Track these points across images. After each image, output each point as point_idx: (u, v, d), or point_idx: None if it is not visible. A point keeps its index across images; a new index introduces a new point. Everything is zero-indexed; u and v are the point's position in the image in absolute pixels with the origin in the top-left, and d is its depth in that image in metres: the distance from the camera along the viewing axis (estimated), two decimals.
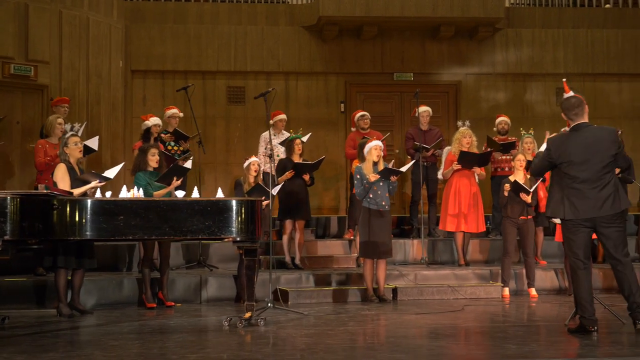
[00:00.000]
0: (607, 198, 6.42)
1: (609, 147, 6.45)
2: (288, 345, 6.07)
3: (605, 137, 6.50)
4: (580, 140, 6.45)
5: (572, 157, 6.43)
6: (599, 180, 6.43)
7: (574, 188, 6.44)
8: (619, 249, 6.50)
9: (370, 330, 6.81)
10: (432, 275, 9.97)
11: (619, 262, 6.53)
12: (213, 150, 13.89)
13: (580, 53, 14.41)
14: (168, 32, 13.75)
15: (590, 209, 6.40)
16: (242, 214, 6.86)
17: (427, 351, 5.70)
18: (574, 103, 6.64)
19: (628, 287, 6.51)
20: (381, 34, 14.04)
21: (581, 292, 6.51)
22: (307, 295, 9.18)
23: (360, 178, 9.13)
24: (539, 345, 5.94)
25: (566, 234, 6.61)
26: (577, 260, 6.54)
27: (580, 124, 6.57)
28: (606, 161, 6.44)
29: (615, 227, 6.47)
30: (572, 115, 6.61)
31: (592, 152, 6.42)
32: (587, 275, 6.55)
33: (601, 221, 6.44)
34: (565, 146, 6.49)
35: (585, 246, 6.55)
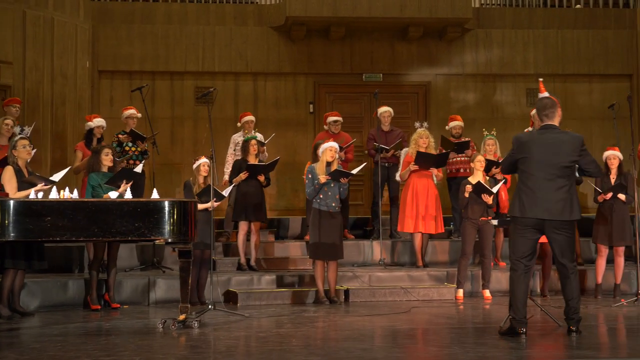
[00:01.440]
0: (558, 202, 6.36)
1: (570, 153, 6.40)
2: (209, 348, 6.03)
3: (569, 141, 6.45)
4: (543, 140, 6.42)
5: (531, 153, 6.40)
6: (554, 183, 6.37)
7: (528, 187, 6.41)
8: (565, 254, 6.47)
9: (302, 333, 6.76)
10: (387, 277, 9.92)
11: (564, 267, 6.50)
12: (181, 150, 13.88)
13: (550, 54, 14.35)
14: (136, 33, 13.71)
15: (539, 210, 6.35)
16: (174, 215, 6.82)
17: (346, 354, 5.65)
18: (547, 104, 6.61)
19: (570, 292, 6.48)
20: (350, 35, 13.98)
21: (516, 294, 6.46)
22: (257, 297, 9.13)
23: (312, 178, 9.09)
24: (461, 347, 5.88)
25: (513, 233, 6.57)
26: (519, 262, 6.50)
27: (549, 125, 6.52)
28: (564, 165, 6.38)
29: (564, 233, 6.44)
30: (542, 116, 6.58)
31: (552, 153, 6.37)
32: (526, 277, 6.51)
33: (550, 225, 6.40)
34: (527, 143, 6.46)
35: (529, 249, 6.49)
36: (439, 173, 10.49)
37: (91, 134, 10.48)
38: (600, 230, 9.36)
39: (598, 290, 9.46)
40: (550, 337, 6.50)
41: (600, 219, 9.37)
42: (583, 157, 6.45)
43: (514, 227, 6.53)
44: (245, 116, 11.24)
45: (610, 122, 14.53)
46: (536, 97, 14.41)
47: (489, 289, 9.61)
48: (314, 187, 9.05)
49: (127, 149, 10.67)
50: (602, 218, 9.36)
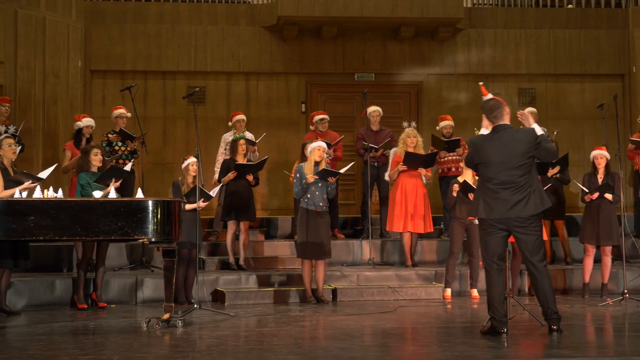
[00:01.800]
0: (519, 201, 6.40)
1: (525, 149, 6.42)
2: (189, 347, 6.04)
3: (523, 138, 6.46)
4: (497, 142, 6.43)
5: (489, 158, 6.42)
6: (514, 183, 6.41)
7: (490, 189, 6.43)
8: (533, 253, 6.48)
9: (285, 332, 6.78)
10: (375, 276, 9.93)
11: (534, 267, 6.51)
12: (173, 150, 13.89)
13: (542, 53, 14.36)
14: (128, 32, 13.72)
15: (504, 210, 6.39)
16: (157, 215, 6.84)
17: (324, 353, 5.68)
18: (493, 105, 6.62)
19: (542, 293, 6.49)
20: (342, 34, 14.00)
21: (493, 294, 6.49)
22: (245, 296, 9.15)
23: (300, 177, 9.11)
24: (440, 347, 5.90)
25: (482, 235, 6.60)
26: (492, 262, 6.52)
27: (500, 125, 6.54)
28: (522, 163, 6.41)
29: (530, 231, 6.44)
30: (491, 118, 6.58)
31: (508, 154, 6.39)
32: (501, 277, 6.54)
33: (514, 224, 6.41)
34: (483, 147, 6.48)
35: (500, 248, 6.53)
36: (428, 173, 10.50)
37: (80, 133, 10.53)
38: (587, 230, 9.37)
39: (585, 290, 9.48)
40: (531, 336, 6.52)
41: (588, 219, 9.38)
42: (540, 148, 6.44)
43: (481, 229, 6.55)
44: (236, 115, 11.26)
45: (602, 122, 14.59)
46: (528, 96, 14.50)
47: (476, 288, 9.62)
48: (301, 187, 9.07)
49: (117, 149, 10.70)
50: (589, 218, 9.37)
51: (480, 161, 6.49)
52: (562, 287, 10.07)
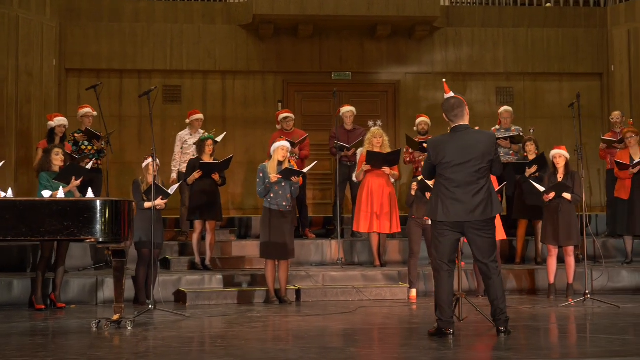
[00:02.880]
0: (479, 203, 6.34)
1: (485, 152, 6.35)
2: (128, 348, 5.99)
3: (484, 141, 6.40)
4: (457, 142, 6.35)
5: (448, 158, 6.33)
6: (473, 185, 6.34)
7: (449, 190, 6.35)
8: (486, 254, 6.42)
9: (233, 333, 6.73)
10: (340, 277, 9.88)
11: (487, 268, 6.45)
12: (148, 149, 13.73)
13: (520, 52, 14.30)
14: (103, 31, 13.67)
15: (462, 213, 6.32)
16: (105, 215, 6.78)
17: (262, 354, 5.63)
18: (454, 104, 6.54)
19: (494, 292, 6.44)
20: (319, 33, 13.94)
21: (441, 295, 6.43)
22: (206, 296, 9.10)
23: (263, 177, 9.05)
24: (381, 348, 5.84)
25: (435, 236, 6.52)
26: (442, 263, 6.46)
27: (460, 125, 6.47)
28: (481, 165, 6.34)
29: (484, 233, 6.40)
30: (451, 117, 6.51)
31: (468, 155, 6.31)
32: (450, 278, 6.48)
33: (471, 226, 6.36)
34: (442, 147, 6.39)
35: (452, 250, 6.47)
36: (394, 172, 10.43)
37: (53, 133, 10.49)
38: (548, 230, 9.30)
39: (551, 290, 9.41)
40: (478, 337, 6.46)
41: (548, 219, 9.31)
42: (496, 156, 6.41)
43: (435, 230, 6.49)
44: (194, 114, 11.20)
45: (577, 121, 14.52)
46: (506, 95, 14.45)
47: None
48: (264, 186, 9.02)
49: (84, 148, 10.65)
50: (549, 218, 9.30)
51: (439, 161, 6.39)
52: (528, 287, 10.01)
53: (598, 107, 14.42)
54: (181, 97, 13.96)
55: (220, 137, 11.00)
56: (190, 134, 11.04)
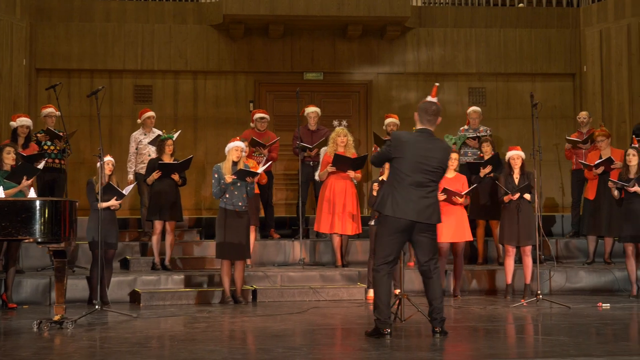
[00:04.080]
0: (428, 207, 6.39)
1: (442, 159, 6.47)
2: (58, 349, 5.97)
3: (444, 149, 6.53)
4: (421, 142, 6.41)
5: (409, 155, 6.36)
6: (426, 187, 6.39)
7: (403, 187, 6.35)
8: (430, 255, 6.44)
9: (171, 334, 6.71)
10: (299, 277, 9.86)
11: (427, 268, 6.46)
12: (119, 149, 13.74)
13: (492, 53, 14.28)
14: (74, 30, 13.65)
15: (410, 211, 6.32)
16: (45, 215, 6.76)
17: (190, 355, 5.61)
18: (434, 111, 6.59)
19: (432, 292, 6.45)
20: (290, 33, 13.93)
21: (380, 295, 6.42)
22: (161, 297, 9.08)
23: (218, 177, 9.03)
24: (310, 348, 5.82)
25: (381, 233, 6.50)
26: (384, 263, 6.44)
27: (427, 129, 6.51)
28: (436, 169, 6.43)
29: (430, 234, 6.45)
30: (425, 120, 6.52)
31: (427, 157, 6.37)
32: (389, 279, 6.47)
33: (418, 228, 6.37)
34: (407, 143, 6.41)
35: (395, 251, 6.45)
36: (358, 175, 10.41)
37: (15, 133, 10.48)
38: (506, 231, 9.28)
39: (508, 291, 9.39)
40: (414, 338, 6.44)
41: (507, 219, 9.29)
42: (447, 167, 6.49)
43: (382, 228, 6.47)
44: (146, 112, 11.17)
45: (553, 121, 14.56)
46: (479, 96, 14.43)
47: (400, 289, 9.52)
48: (219, 187, 8.99)
49: (46, 148, 10.64)
50: (508, 218, 9.27)
51: (398, 155, 6.40)
52: (488, 288, 9.99)
53: (571, 108, 14.40)
54: (152, 97, 13.95)
55: (175, 135, 10.99)
56: (144, 134, 11.02)
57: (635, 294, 9.16)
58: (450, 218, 9.27)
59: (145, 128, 11.04)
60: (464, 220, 9.38)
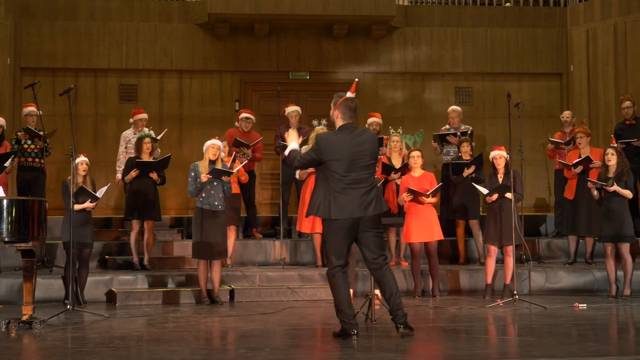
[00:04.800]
0: (372, 199, 6.34)
1: (373, 149, 6.42)
2: (21, 349, 5.93)
3: (371, 139, 6.47)
4: (349, 140, 6.35)
5: (341, 155, 6.30)
6: (365, 182, 6.35)
7: (341, 187, 6.29)
8: (376, 251, 6.38)
9: (138, 334, 6.67)
10: (277, 277, 9.82)
11: (377, 265, 6.40)
12: (104, 148, 13.76)
13: (479, 52, 14.24)
14: (59, 29, 13.61)
15: (355, 209, 6.27)
16: (12, 214, 6.73)
17: (151, 355, 5.56)
18: (354, 107, 6.53)
19: (389, 289, 6.39)
20: (276, 32, 13.88)
21: (339, 297, 6.37)
22: (137, 297, 9.03)
23: (194, 176, 8.98)
24: (274, 349, 5.77)
25: (328, 235, 6.44)
26: (337, 266, 6.39)
27: (349, 124, 6.46)
28: (370, 162, 6.40)
29: (374, 231, 6.39)
30: (347, 115, 6.47)
31: (359, 152, 6.33)
32: (345, 279, 6.42)
33: (364, 223, 6.30)
34: (334, 145, 6.35)
35: (346, 251, 6.39)
36: None
37: None
38: (490, 231, 9.22)
39: (487, 291, 9.32)
40: (382, 338, 6.39)
41: (490, 219, 9.24)
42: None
43: (328, 230, 6.40)
44: (138, 114, 11.12)
45: (540, 121, 14.51)
46: (465, 95, 14.38)
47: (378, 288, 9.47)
48: (195, 186, 8.94)
49: (26, 147, 10.61)
50: (491, 218, 9.22)
51: (331, 158, 6.34)
52: (467, 288, 9.94)
53: (558, 107, 14.33)
54: (137, 96, 13.91)
55: (161, 135, 10.98)
56: (134, 133, 10.97)
57: (614, 295, 9.11)
58: (420, 218, 9.25)
59: (135, 128, 10.99)
60: (433, 220, 9.34)
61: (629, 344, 6.11)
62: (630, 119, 11.04)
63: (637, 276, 9.56)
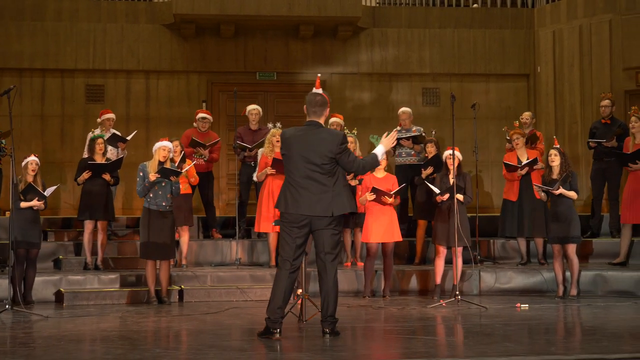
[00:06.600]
0: (324, 200, 6.32)
1: (328, 150, 6.36)
2: None
3: (329, 139, 6.40)
4: (307, 137, 6.38)
5: (295, 152, 6.35)
6: (317, 181, 6.34)
7: (295, 182, 6.34)
8: (326, 250, 6.38)
9: (65, 334, 6.68)
10: (228, 277, 9.84)
11: (323, 264, 6.41)
12: (71, 149, 13.78)
13: (446, 53, 14.26)
14: (25, 29, 13.64)
15: (306, 207, 6.29)
16: None
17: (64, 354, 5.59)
18: (319, 101, 6.56)
19: (325, 293, 6.42)
20: (243, 33, 13.91)
21: (275, 293, 6.37)
22: (85, 297, 9.05)
23: (143, 176, 9.00)
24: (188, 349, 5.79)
25: (282, 231, 6.47)
26: (285, 261, 6.40)
27: (313, 121, 6.49)
28: (324, 162, 6.34)
29: (330, 229, 6.37)
30: (311, 111, 6.52)
31: (312, 151, 6.33)
32: (289, 278, 6.41)
33: (317, 222, 6.32)
34: (290, 140, 6.40)
35: (298, 247, 6.40)
36: None
37: None
38: (438, 231, 9.24)
39: (436, 291, 9.33)
40: (305, 339, 6.41)
41: (439, 220, 9.25)
42: (343, 155, 6.38)
43: (283, 226, 6.44)
44: (106, 113, 11.15)
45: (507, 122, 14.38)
46: (433, 96, 14.40)
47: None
48: (144, 186, 8.96)
49: None
50: (440, 219, 9.24)
51: (286, 153, 6.42)
52: (419, 288, 9.96)
53: (525, 108, 14.25)
54: (104, 97, 13.94)
55: (131, 136, 11.00)
56: (102, 134, 10.97)
57: (561, 295, 9.12)
58: (381, 218, 9.25)
59: (103, 128, 11.00)
60: (393, 221, 9.34)
61: (540, 344, 6.11)
62: (606, 118, 11.01)
63: (587, 276, 9.58)
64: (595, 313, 7.99)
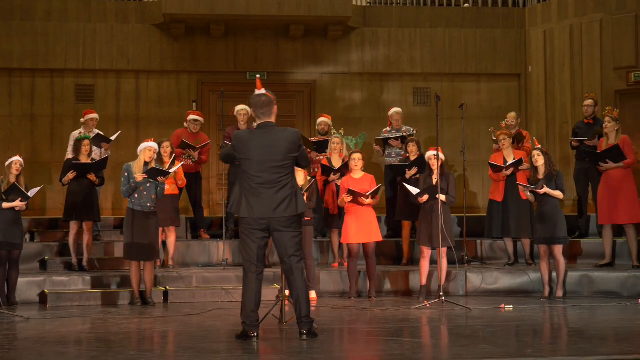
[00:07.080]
0: (282, 200, 6.30)
1: (288, 149, 6.35)
2: None
3: (287, 138, 6.39)
4: (261, 139, 6.35)
5: (251, 155, 6.32)
6: (277, 182, 6.31)
7: (252, 187, 6.30)
8: (290, 252, 6.37)
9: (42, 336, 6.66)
10: (214, 278, 9.81)
11: (291, 267, 6.38)
12: (61, 149, 13.70)
13: (437, 53, 14.21)
14: (15, 29, 13.59)
15: (265, 210, 6.26)
16: None
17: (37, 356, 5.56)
18: (264, 102, 6.54)
19: (296, 294, 6.38)
20: (233, 33, 13.88)
21: (246, 297, 6.36)
22: (69, 298, 9.03)
23: (128, 176, 8.96)
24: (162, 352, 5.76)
25: (242, 235, 6.44)
26: (250, 264, 6.38)
27: (265, 123, 6.46)
28: (283, 163, 6.32)
29: (291, 231, 6.34)
30: (260, 113, 6.50)
31: (271, 152, 6.31)
32: (257, 281, 6.40)
33: (276, 224, 6.29)
34: (246, 144, 6.37)
35: (260, 250, 6.38)
36: None
37: None
38: (422, 232, 9.20)
39: (422, 292, 9.29)
40: (283, 341, 6.38)
41: (423, 221, 9.22)
42: (302, 151, 6.40)
43: (242, 229, 6.41)
44: (89, 114, 11.10)
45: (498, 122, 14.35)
46: (424, 95, 14.36)
47: (315, 290, 9.49)
48: (129, 186, 8.93)
49: None
50: (424, 219, 9.20)
51: (242, 157, 6.37)
52: (404, 289, 9.92)
53: (516, 108, 14.24)
54: (94, 97, 13.90)
55: (115, 137, 10.96)
56: (85, 134, 10.93)
57: (546, 296, 9.09)
58: (359, 219, 9.22)
59: (86, 128, 10.96)
60: (372, 221, 9.30)
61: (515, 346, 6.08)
62: (589, 118, 10.97)
63: (574, 277, 9.54)
64: (580, 314, 7.95)
